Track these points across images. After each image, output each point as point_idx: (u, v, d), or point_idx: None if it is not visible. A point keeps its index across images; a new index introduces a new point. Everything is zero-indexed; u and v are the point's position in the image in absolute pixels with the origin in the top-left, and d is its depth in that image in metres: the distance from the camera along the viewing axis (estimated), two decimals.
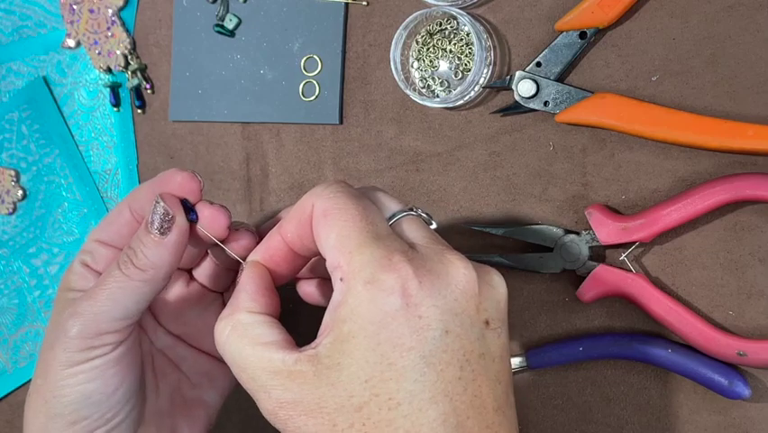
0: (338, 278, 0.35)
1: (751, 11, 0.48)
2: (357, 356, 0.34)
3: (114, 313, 0.41)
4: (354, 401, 0.34)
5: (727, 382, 0.47)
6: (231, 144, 0.57)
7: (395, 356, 0.34)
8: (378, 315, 0.34)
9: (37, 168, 0.61)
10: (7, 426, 0.63)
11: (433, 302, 0.34)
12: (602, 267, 0.49)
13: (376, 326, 0.34)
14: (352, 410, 0.34)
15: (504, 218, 0.52)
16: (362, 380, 0.34)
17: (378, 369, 0.34)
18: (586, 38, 0.49)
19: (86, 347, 0.41)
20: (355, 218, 0.36)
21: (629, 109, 0.48)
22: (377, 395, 0.34)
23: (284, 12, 0.56)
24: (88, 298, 0.41)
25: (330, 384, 0.34)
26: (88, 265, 0.44)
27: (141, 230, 0.41)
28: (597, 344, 0.50)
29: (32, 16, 0.61)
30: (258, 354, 0.36)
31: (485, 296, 0.36)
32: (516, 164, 0.52)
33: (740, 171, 0.48)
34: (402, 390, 0.34)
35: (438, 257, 0.36)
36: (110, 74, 0.60)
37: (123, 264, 0.41)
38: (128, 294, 0.41)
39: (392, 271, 0.34)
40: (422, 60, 0.53)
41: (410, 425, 0.34)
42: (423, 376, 0.34)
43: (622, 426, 0.51)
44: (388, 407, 0.34)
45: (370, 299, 0.34)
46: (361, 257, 0.35)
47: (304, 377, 0.35)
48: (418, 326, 0.34)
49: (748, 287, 0.49)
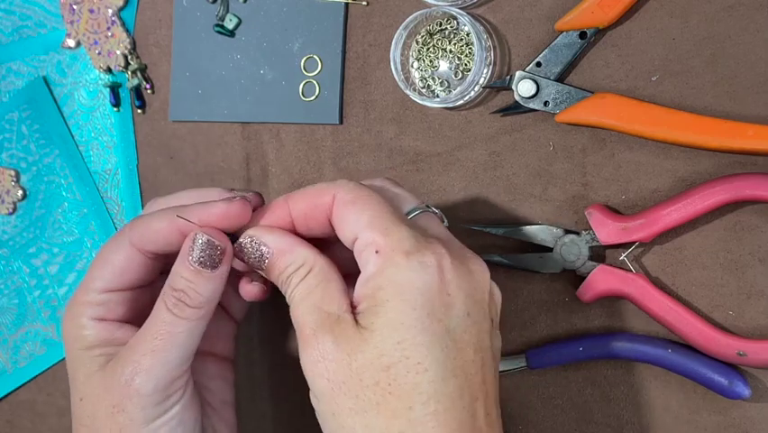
0: (373, 251, 0.37)
1: (751, 11, 0.48)
2: (392, 318, 0.36)
3: (181, 358, 0.41)
4: (384, 360, 0.35)
5: (727, 382, 0.47)
6: (231, 144, 0.57)
7: (428, 323, 0.36)
8: (416, 282, 0.36)
9: (37, 168, 0.61)
10: (7, 426, 0.63)
11: (460, 285, 0.37)
12: (602, 267, 0.49)
13: (413, 293, 0.36)
14: (380, 369, 0.35)
15: (504, 218, 0.52)
16: (395, 341, 0.35)
17: (411, 333, 0.35)
18: (586, 38, 0.49)
19: (163, 399, 0.41)
20: (385, 204, 0.39)
21: (629, 109, 0.48)
22: (407, 357, 0.35)
23: (284, 12, 0.56)
24: (150, 352, 0.40)
25: (361, 341, 0.36)
26: (101, 318, 0.43)
27: (186, 269, 0.40)
28: (597, 344, 0.50)
29: (32, 16, 0.61)
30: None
31: (492, 298, 0.39)
32: (516, 164, 0.52)
33: (740, 171, 0.48)
34: (431, 356, 0.35)
35: (460, 250, 0.39)
36: (110, 74, 0.60)
37: (175, 308, 0.40)
38: (189, 335, 0.41)
39: (430, 248, 0.37)
40: (422, 60, 0.53)
41: (433, 391, 0.35)
42: (448, 349, 0.36)
43: (622, 426, 0.51)
44: (416, 371, 0.35)
45: (409, 267, 0.36)
46: (399, 233, 0.37)
47: (345, 329, 0.36)
48: (447, 302, 0.36)
49: (748, 287, 0.49)
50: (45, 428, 0.62)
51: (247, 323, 0.55)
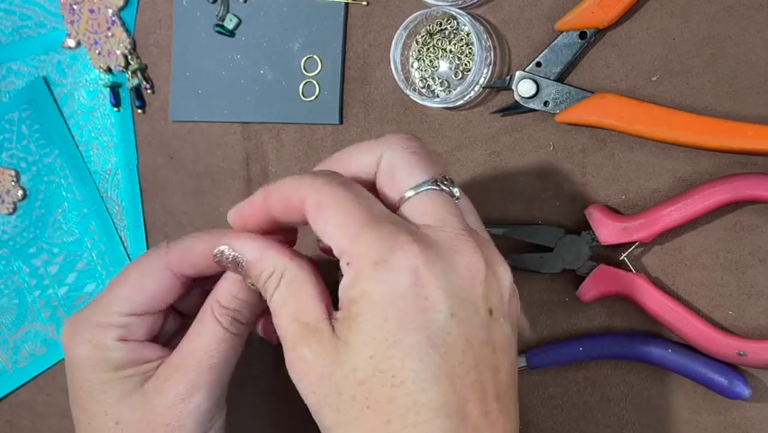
0: (345, 262, 0.35)
1: (751, 11, 0.48)
2: (363, 333, 0.34)
3: (231, 372, 0.42)
4: (358, 375, 0.34)
5: (727, 382, 0.47)
6: (231, 144, 0.57)
7: (401, 335, 0.34)
8: (386, 293, 0.34)
9: (37, 168, 0.61)
10: (7, 426, 0.63)
11: (439, 284, 0.35)
12: (602, 267, 0.49)
13: (384, 304, 0.34)
14: (355, 383, 0.34)
15: (504, 218, 0.52)
16: (367, 355, 0.34)
17: (383, 346, 0.34)
18: (586, 38, 0.49)
19: (217, 411, 0.42)
20: (349, 207, 0.36)
21: (629, 109, 0.48)
22: (381, 371, 0.34)
23: (284, 12, 0.56)
24: (208, 368, 0.41)
25: (337, 354, 0.35)
26: (126, 339, 0.42)
27: (242, 290, 0.41)
28: (597, 344, 0.50)
29: (32, 16, 0.61)
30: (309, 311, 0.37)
31: (490, 285, 0.36)
32: (516, 164, 0.52)
33: (740, 171, 0.48)
34: (406, 368, 0.34)
35: (448, 240, 0.36)
36: (110, 74, 0.60)
37: (232, 326, 0.41)
38: (239, 349, 0.42)
39: (400, 251, 0.34)
40: (422, 60, 0.53)
41: (412, 403, 0.34)
42: (427, 357, 0.34)
43: (622, 426, 0.51)
44: (391, 384, 0.34)
45: (378, 278, 0.34)
46: (366, 239, 0.35)
47: (321, 340, 0.35)
48: (424, 306, 0.34)
49: (748, 287, 0.49)
50: (45, 428, 0.62)
51: None
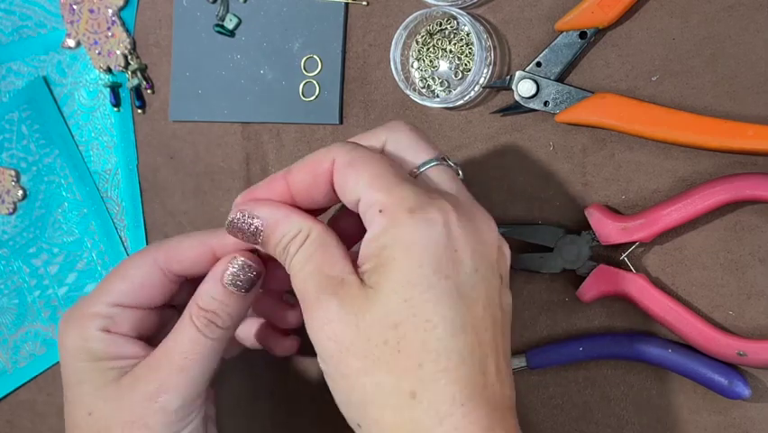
0: (376, 211, 0.36)
1: (751, 11, 0.48)
2: (398, 277, 0.35)
3: (206, 376, 0.42)
4: (391, 319, 0.35)
5: (727, 382, 0.47)
6: (231, 144, 0.57)
7: (435, 280, 0.35)
8: (422, 239, 0.35)
9: (37, 168, 0.61)
10: (7, 426, 0.63)
11: (467, 241, 0.36)
12: (602, 267, 0.49)
13: (419, 249, 0.35)
14: (388, 327, 0.35)
15: (504, 218, 0.52)
16: (402, 299, 0.35)
17: (418, 290, 0.35)
18: (586, 38, 0.49)
19: (186, 414, 0.41)
20: (385, 162, 0.37)
21: (629, 109, 0.48)
22: (415, 315, 0.35)
23: (284, 12, 0.56)
24: (178, 370, 0.41)
25: (367, 301, 0.35)
26: (109, 330, 0.43)
27: (220, 291, 0.41)
28: (597, 344, 0.50)
29: (32, 16, 0.61)
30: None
31: (502, 255, 0.38)
32: (516, 164, 0.52)
33: (740, 171, 0.48)
34: (438, 313, 0.35)
35: (469, 205, 0.38)
36: (110, 74, 0.60)
37: (206, 328, 0.41)
38: (215, 354, 0.42)
39: (435, 204, 0.36)
40: (422, 60, 0.53)
41: (443, 348, 0.35)
42: (456, 305, 0.35)
43: (622, 426, 0.51)
44: (424, 328, 0.35)
45: (414, 225, 0.35)
46: (402, 190, 0.36)
47: (349, 290, 0.36)
48: (454, 258, 0.36)
49: (748, 287, 0.49)
50: (45, 428, 0.62)
51: None
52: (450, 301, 0.35)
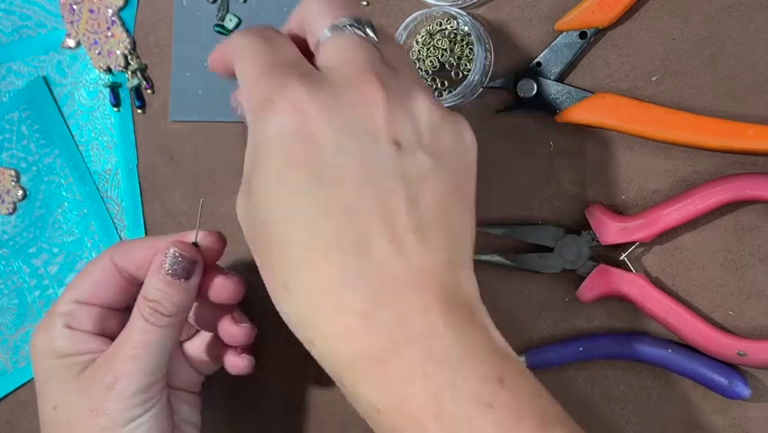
0: (247, 109, 0.37)
1: (751, 11, 0.48)
2: (258, 176, 0.36)
3: (158, 363, 0.43)
4: (259, 217, 0.36)
5: (727, 382, 0.47)
6: (231, 144, 0.57)
7: (286, 172, 0.35)
8: (272, 135, 0.35)
9: (37, 168, 0.61)
10: (7, 426, 0.63)
11: (326, 121, 0.34)
12: (602, 267, 0.49)
13: (270, 144, 0.35)
14: (258, 224, 0.36)
15: (504, 218, 0.52)
16: (263, 196, 0.35)
17: (273, 185, 0.35)
18: (586, 38, 0.49)
19: (143, 401, 0.43)
20: (255, 56, 0.37)
21: (629, 109, 0.48)
22: (271, 211, 0.35)
23: (284, 12, 0.56)
24: (130, 358, 0.43)
25: (246, 199, 0.37)
26: (71, 327, 0.45)
27: (160, 280, 0.44)
28: (597, 344, 0.50)
29: (32, 16, 0.61)
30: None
31: (396, 119, 0.35)
32: (516, 164, 0.52)
33: (740, 171, 0.48)
34: (295, 205, 0.34)
35: (344, 78, 0.36)
36: (110, 74, 0.60)
37: (151, 317, 0.43)
38: (165, 342, 0.44)
39: (284, 93, 0.35)
40: (422, 60, 0.53)
41: (307, 239, 0.34)
42: (315, 192, 0.34)
43: (622, 426, 0.51)
44: (284, 222, 0.35)
45: (266, 121, 0.35)
46: (257, 88, 0.36)
47: (243, 193, 0.38)
48: (310, 143, 0.34)
49: (748, 287, 0.49)
50: None
51: None
52: (307, 191, 0.34)
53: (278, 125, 0.35)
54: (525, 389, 0.34)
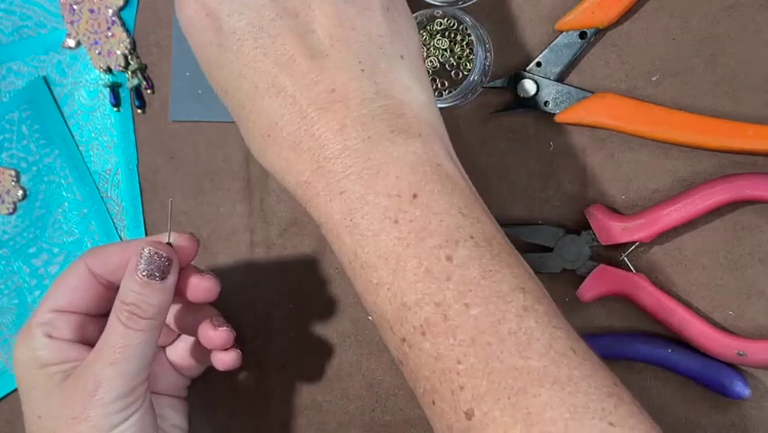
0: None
1: (751, 11, 0.48)
2: (198, 59, 0.41)
3: (139, 367, 0.43)
4: (218, 90, 0.41)
5: (727, 382, 0.47)
6: (231, 144, 0.57)
7: (201, 55, 0.41)
8: (184, 24, 0.41)
9: (37, 168, 0.61)
10: (7, 426, 0.63)
11: (217, 1, 0.39)
12: (602, 267, 0.49)
13: (186, 33, 0.41)
14: (222, 95, 0.41)
15: (504, 218, 0.52)
16: (207, 74, 0.41)
17: (205, 66, 0.41)
18: (586, 38, 0.49)
19: (125, 406, 0.42)
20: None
21: (629, 109, 0.48)
22: (217, 83, 0.41)
23: None
24: (110, 364, 0.42)
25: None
26: (51, 336, 0.44)
27: (136, 282, 0.43)
28: (597, 344, 0.50)
29: (32, 16, 0.61)
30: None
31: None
32: (516, 164, 0.52)
33: (740, 171, 0.48)
34: (221, 78, 0.40)
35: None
36: (110, 74, 0.60)
37: (129, 321, 0.42)
38: (144, 345, 0.43)
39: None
40: None
41: (242, 98, 0.39)
42: (225, 60, 0.39)
43: None
44: (224, 91, 0.40)
45: (180, 17, 0.40)
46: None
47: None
48: (209, 23, 0.39)
49: (748, 287, 0.49)
50: None
51: (248, 324, 0.55)
52: (217, 63, 0.39)
53: (188, 19, 0.40)
54: (439, 205, 0.35)
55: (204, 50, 0.40)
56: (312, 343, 0.56)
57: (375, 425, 0.55)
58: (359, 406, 0.55)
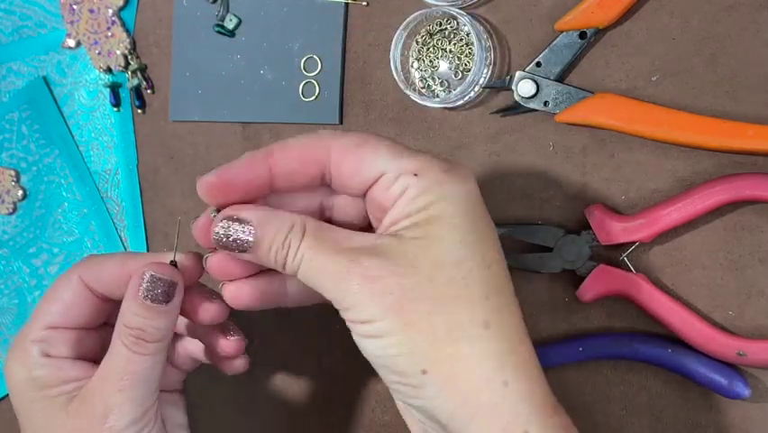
0: (411, 175, 0.38)
1: (751, 11, 0.48)
2: (451, 223, 0.37)
3: (149, 391, 0.41)
4: (452, 258, 0.37)
5: (727, 382, 0.47)
6: (231, 144, 0.57)
7: (481, 225, 0.38)
8: (464, 192, 0.38)
9: (37, 168, 0.61)
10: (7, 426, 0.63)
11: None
12: (602, 267, 0.49)
13: (465, 199, 0.38)
14: (451, 265, 0.36)
15: (504, 218, 0.52)
16: (458, 240, 0.37)
17: (472, 233, 0.37)
18: (586, 38, 0.49)
19: (140, 429, 0.41)
20: (387, 138, 0.39)
21: (629, 109, 0.48)
22: (473, 253, 0.37)
23: (284, 12, 0.56)
24: (118, 391, 0.40)
25: (421, 247, 0.37)
26: (49, 354, 0.43)
27: (139, 306, 0.40)
28: (597, 344, 0.50)
29: (32, 16, 0.61)
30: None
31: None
32: (516, 164, 0.52)
33: (740, 171, 0.48)
34: (489, 252, 0.38)
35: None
36: (110, 74, 0.60)
37: (135, 345, 0.40)
38: (152, 369, 0.41)
39: (457, 162, 0.39)
40: (422, 60, 0.53)
41: (500, 283, 0.38)
42: (496, 245, 0.39)
43: (622, 426, 0.51)
44: (482, 265, 0.37)
45: (453, 180, 0.38)
46: (423, 155, 0.38)
47: (389, 247, 0.37)
48: (484, 207, 0.39)
49: (748, 287, 0.49)
50: None
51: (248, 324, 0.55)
52: (493, 241, 0.38)
53: (468, 186, 0.39)
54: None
55: (469, 214, 0.39)
56: (312, 343, 0.56)
57: (375, 425, 0.55)
58: (359, 406, 0.55)
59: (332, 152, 0.38)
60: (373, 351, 0.37)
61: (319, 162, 0.39)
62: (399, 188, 0.37)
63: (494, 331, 0.36)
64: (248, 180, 0.39)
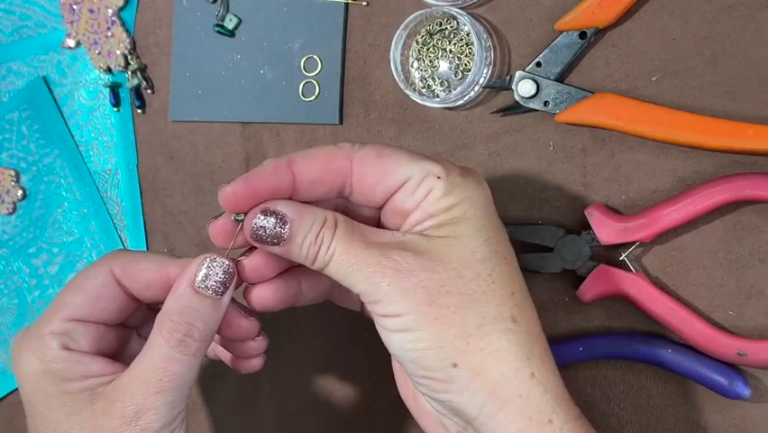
0: (434, 178, 0.39)
1: (751, 11, 0.48)
2: (474, 223, 0.39)
3: (185, 393, 0.40)
4: (478, 255, 0.38)
5: (727, 382, 0.47)
6: (231, 144, 0.57)
7: (497, 224, 0.40)
8: (482, 194, 0.40)
9: (37, 168, 0.61)
10: (7, 426, 0.63)
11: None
12: (602, 267, 0.49)
13: (483, 201, 0.40)
14: (477, 262, 0.38)
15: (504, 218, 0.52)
16: (483, 239, 0.39)
17: (493, 232, 0.39)
18: (586, 38, 0.49)
19: (171, 431, 0.40)
20: (405, 148, 0.41)
21: (629, 109, 0.48)
22: (496, 252, 0.39)
23: (284, 12, 0.56)
24: (155, 393, 0.38)
25: (448, 246, 0.38)
26: (69, 348, 0.41)
27: (192, 296, 0.39)
28: (597, 344, 0.50)
29: (32, 16, 0.61)
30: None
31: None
32: (516, 164, 0.52)
33: (740, 171, 0.48)
34: (509, 251, 0.40)
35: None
36: (110, 74, 0.60)
37: (180, 344, 0.39)
38: (193, 369, 0.40)
39: (469, 169, 0.41)
40: (422, 60, 0.53)
41: (517, 276, 0.40)
42: (510, 244, 0.40)
43: (622, 426, 0.51)
44: (505, 262, 0.39)
45: (472, 183, 0.40)
46: (441, 161, 0.40)
47: (418, 243, 0.38)
48: (493, 206, 0.41)
49: (748, 287, 0.49)
50: None
51: None
52: (507, 240, 0.40)
53: (483, 189, 0.41)
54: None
55: (489, 216, 0.41)
56: (312, 343, 0.56)
57: (375, 425, 0.55)
58: (359, 406, 0.55)
59: (354, 164, 0.39)
60: (401, 345, 0.37)
61: (341, 173, 0.39)
62: (424, 190, 0.39)
63: (520, 325, 0.38)
64: (273, 188, 0.39)
